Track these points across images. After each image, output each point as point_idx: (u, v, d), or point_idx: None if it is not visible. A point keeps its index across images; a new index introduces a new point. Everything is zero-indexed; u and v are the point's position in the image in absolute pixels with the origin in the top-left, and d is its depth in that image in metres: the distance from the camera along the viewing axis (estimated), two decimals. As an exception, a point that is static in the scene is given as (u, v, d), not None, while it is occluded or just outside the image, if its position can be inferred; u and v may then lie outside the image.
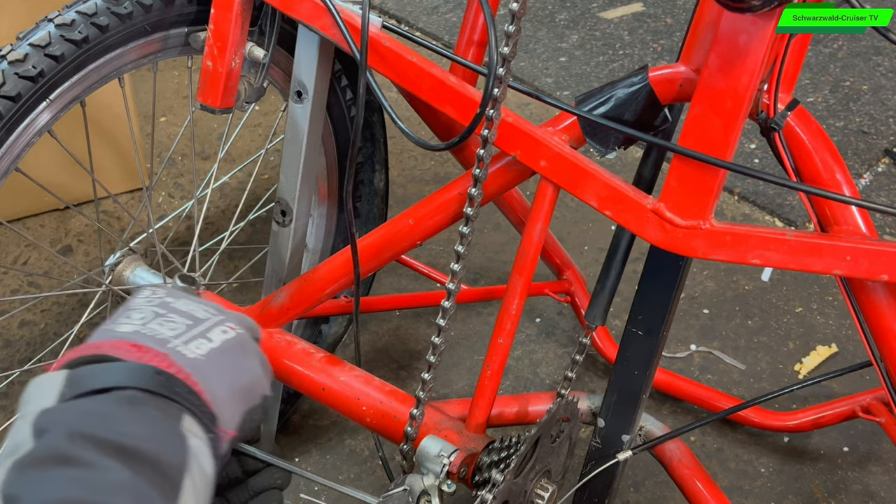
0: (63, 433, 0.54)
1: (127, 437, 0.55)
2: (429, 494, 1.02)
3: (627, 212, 0.95)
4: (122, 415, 0.57)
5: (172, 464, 0.57)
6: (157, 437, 0.57)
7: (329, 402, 1.17)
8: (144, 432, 0.57)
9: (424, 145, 1.05)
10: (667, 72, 0.95)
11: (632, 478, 1.48)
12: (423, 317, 1.75)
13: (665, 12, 2.67)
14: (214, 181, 1.40)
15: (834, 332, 1.75)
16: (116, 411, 0.57)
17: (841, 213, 0.95)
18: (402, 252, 1.17)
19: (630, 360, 1.09)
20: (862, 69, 2.44)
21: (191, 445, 0.59)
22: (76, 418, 0.56)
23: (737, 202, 2.03)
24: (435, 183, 2.03)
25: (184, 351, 0.63)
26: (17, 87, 0.99)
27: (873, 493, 1.48)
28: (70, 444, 0.54)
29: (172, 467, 0.56)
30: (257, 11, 1.13)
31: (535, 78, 2.42)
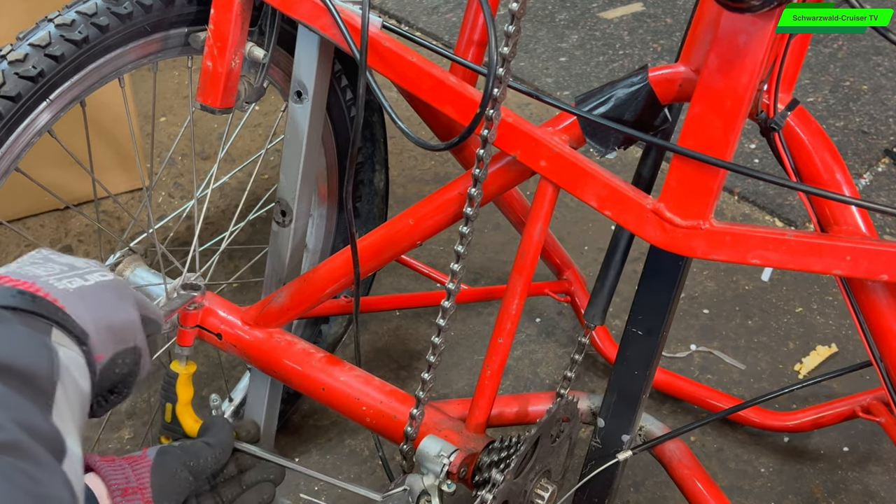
0: None
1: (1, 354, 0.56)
2: (429, 494, 1.02)
3: (627, 212, 0.95)
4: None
5: (43, 375, 0.57)
6: (25, 350, 0.58)
7: (329, 402, 1.17)
8: (12, 346, 0.57)
9: (424, 145, 1.05)
10: (667, 72, 0.95)
11: (632, 478, 1.48)
12: (423, 317, 1.75)
13: (665, 12, 2.67)
14: (214, 181, 1.39)
15: (834, 332, 1.75)
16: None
17: (841, 213, 0.95)
18: (402, 252, 1.17)
19: (630, 360, 1.09)
20: (862, 69, 2.44)
21: (61, 357, 0.60)
22: None
23: (737, 202, 2.03)
24: (435, 183, 2.03)
25: (54, 283, 0.65)
26: (17, 87, 0.99)
27: (873, 493, 1.48)
28: None
29: (44, 378, 0.57)
30: (257, 11, 1.13)
31: (535, 78, 2.42)
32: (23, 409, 0.54)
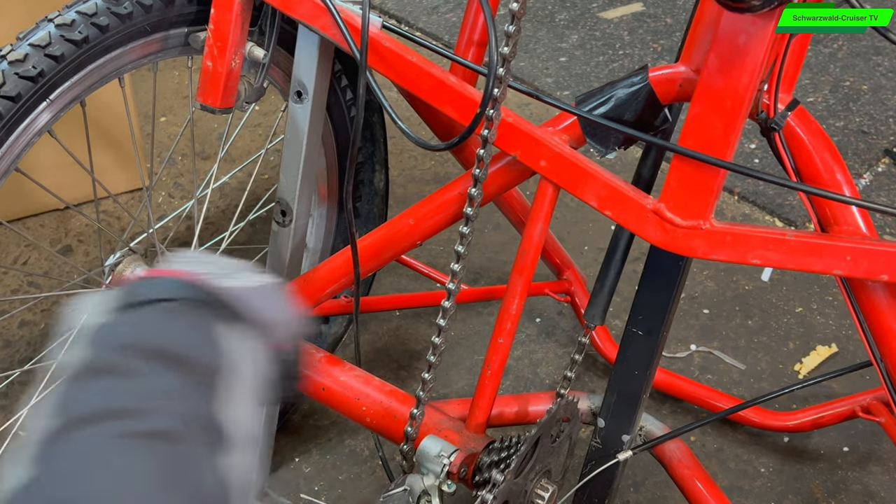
0: (111, 344, 0.60)
1: (170, 343, 0.59)
2: (429, 494, 1.02)
3: (627, 212, 0.95)
4: (166, 324, 0.62)
5: (208, 364, 0.60)
6: (191, 340, 0.61)
7: (329, 402, 1.17)
8: (178, 335, 0.61)
9: (424, 145, 1.05)
10: (667, 72, 0.95)
11: (632, 478, 1.48)
12: (423, 317, 1.75)
13: (665, 12, 2.67)
14: (214, 181, 1.40)
15: (834, 332, 1.75)
16: (160, 321, 0.62)
17: (841, 213, 0.95)
18: (402, 252, 1.17)
19: (630, 360, 1.09)
20: (862, 69, 2.44)
21: (228, 347, 0.62)
22: (124, 330, 0.61)
23: (737, 202, 2.03)
24: (435, 183, 2.03)
25: (223, 281, 0.68)
26: (17, 87, 0.99)
27: (873, 493, 1.48)
28: (117, 354, 0.58)
29: (208, 368, 0.60)
30: (257, 11, 1.13)
31: (535, 78, 2.42)
32: (184, 397, 0.57)
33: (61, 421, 0.54)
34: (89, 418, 0.54)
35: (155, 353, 0.58)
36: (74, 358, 0.59)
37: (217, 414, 0.58)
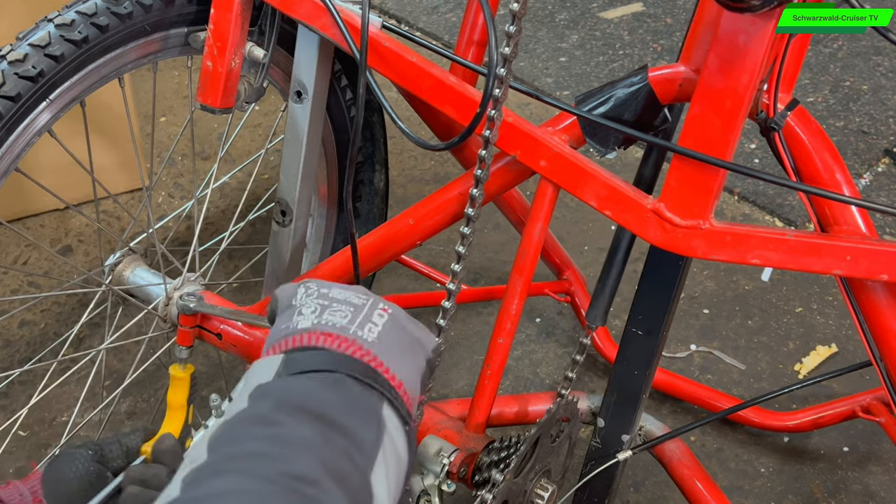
0: (271, 400, 0.61)
1: (327, 407, 0.60)
2: (429, 494, 1.02)
3: (627, 212, 0.95)
4: (327, 391, 0.63)
5: (366, 437, 0.60)
6: (354, 412, 0.62)
7: (329, 402, 1.17)
8: (344, 405, 0.62)
9: (424, 145, 1.05)
10: (667, 72, 0.95)
11: (632, 478, 1.48)
12: (423, 317, 1.74)
13: (665, 12, 2.67)
14: (214, 181, 1.40)
15: (834, 332, 1.75)
16: (323, 388, 0.63)
17: (841, 213, 0.95)
18: (402, 252, 1.17)
19: (630, 360, 1.09)
20: (862, 69, 2.44)
21: (387, 426, 0.63)
22: (285, 389, 0.62)
23: (737, 202, 2.03)
24: (435, 183, 2.03)
25: (363, 335, 0.68)
26: (17, 87, 0.99)
27: (873, 493, 1.48)
28: (274, 410, 0.60)
29: (366, 440, 0.60)
30: (257, 11, 1.13)
31: (535, 78, 2.42)
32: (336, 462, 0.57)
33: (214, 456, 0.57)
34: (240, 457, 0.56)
35: (317, 415, 0.59)
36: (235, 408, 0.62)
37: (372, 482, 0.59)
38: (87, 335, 1.64)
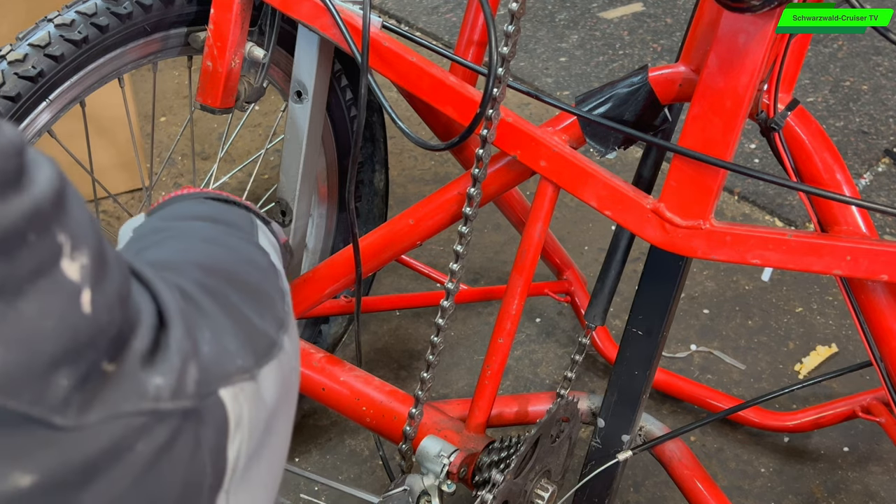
0: (154, 220, 0.69)
1: (203, 212, 0.70)
2: (429, 494, 1.02)
3: (627, 212, 0.95)
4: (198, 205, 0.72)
5: (243, 224, 0.70)
6: (226, 212, 0.72)
7: (329, 402, 1.17)
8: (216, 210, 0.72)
9: (424, 145, 1.05)
10: (667, 72, 0.95)
11: (632, 478, 1.48)
12: (423, 317, 1.75)
13: (665, 12, 2.67)
14: (214, 181, 1.40)
15: (834, 332, 1.75)
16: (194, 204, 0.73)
17: (841, 213, 0.95)
18: (402, 252, 1.17)
19: (630, 360, 1.09)
20: (862, 69, 2.44)
21: (256, 221, 0.73)
22: (161, 214, 0.71)
23: (737, 202, 2.03)
24: (435, 183, 2.03)
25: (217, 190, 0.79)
26: (16, 87, 0.99)
27: (873, 493, 1.48)
28: (160, 222, 0.68)
29: (244, 225, 0.70)
30: (257, 11, 1.13)
31: (535, 78, 2.42)
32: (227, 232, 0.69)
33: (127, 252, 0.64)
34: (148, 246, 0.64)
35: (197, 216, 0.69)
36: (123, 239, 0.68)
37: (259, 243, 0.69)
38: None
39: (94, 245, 0.40)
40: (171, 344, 0.44)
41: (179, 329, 0.45)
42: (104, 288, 0.40)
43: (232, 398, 0.48)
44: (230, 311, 0.52)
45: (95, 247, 0.40)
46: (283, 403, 0.56)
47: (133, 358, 0.42)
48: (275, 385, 0.54)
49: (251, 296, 0.57)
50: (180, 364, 0.44)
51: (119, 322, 0.41)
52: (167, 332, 0.44)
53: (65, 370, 0.38)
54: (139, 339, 0.42)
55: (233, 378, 0.48)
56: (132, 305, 0.43)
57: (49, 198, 0.38)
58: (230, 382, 0.48)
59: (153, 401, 0.42)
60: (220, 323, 0.50)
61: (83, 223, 0.40)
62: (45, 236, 0.37)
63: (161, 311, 0.45)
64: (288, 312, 0.61)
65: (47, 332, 0.37)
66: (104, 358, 0.40)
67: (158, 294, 0.46)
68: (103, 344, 0.40)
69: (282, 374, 0.55)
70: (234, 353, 0.49)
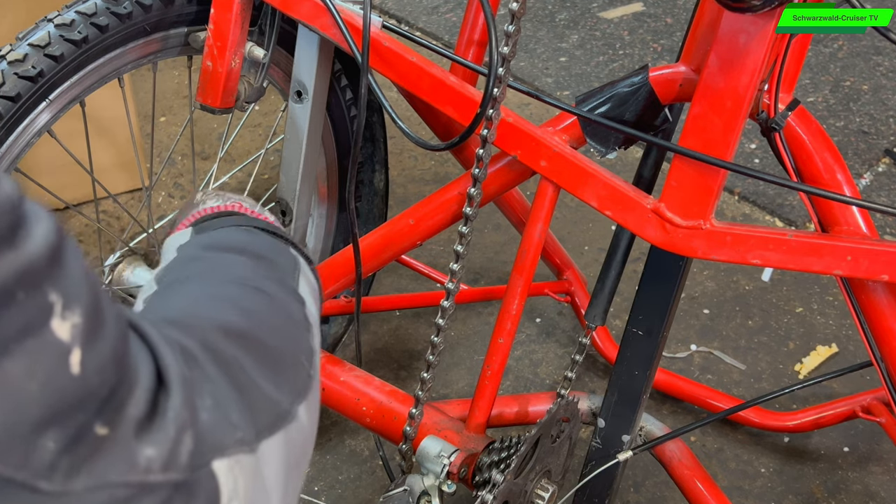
0: (196, 246, 0.68)
1: (247, 245, 0.67)
2: (429, 495, 1.02)
3: (627, 212, 0.95)
4: (242, 235, 0.70)
5: (286, 263, 0.68)
6: (270, 248, 0.69)
7: (329, 403, 1.17)
8: (260, 244, 0.69)
9: (424, 145, 1.05)
10: (667, 72, 0.95)
11: (632, 478, 1.48)
12: (423, 317, 1.75)
13: (665, 12, 2.67)
14: (214, 181, 1.39)
15: (834, 332, 1.74)
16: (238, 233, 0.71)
17: (841, 213, 0.95)
18: (402, 252, 1.17)
19: (630, 360, 1.09)
20: (862, 69, 2.44)
21: (300, 260, 0.70)
22: (206, 238, 0.69)
23: (737, 202, 2.03)
24: (435, 183, 2.03)
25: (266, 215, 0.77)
26: (16, 87, 0.99)
27: (873, 493, 1.48)
28: (202, 250, 0.67)
29: (287, 265, 0.67)
30: (257, 11, 1.13)
31: (535, 78, 2.42)
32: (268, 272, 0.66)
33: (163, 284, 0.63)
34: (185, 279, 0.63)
35: (240, 250, 0.66)
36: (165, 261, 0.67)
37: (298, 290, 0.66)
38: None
39: (89, 303, 0.39)
40: (168, 411, 0.42)
41: (178, 395, 0.43)
42: (97, 348, 0.38)
43: (226, 471, 0.46)
44: (239, 379, 0.50)
45: (90, 304, 0.39)
46: (290, 475, 0.54)
47: (127, 424, 0.40)
48: (279, 458, 0.51)
49: (270, 361, 0.54)
50: (175, 434, 0.42)
51: (112, 383, 0.40)
52: (166, 396, 0.43)
53: (51, 433, 0.36)
54: (134, 404, 0.41)
55: (229, 450, 0.46)
56: (129, 365, 0.42)
57: (43, 254, 0.37)
58: (226, 454, 0.46)
59: (143, 472, 0.40)
60: (224, 391, 0.48)
61: (78, 280, 0.39)
62: (36, 294, 0.36)
63: (161, 373, 0.44)
64: (312, 376, 0.59)
65: (33, 394, 0.36)
66: (96, 420, 0.39)
67: (160, 354, 0.44)
68: (93, 406, 0.38)
69: (289, 447, 0.53)
70: (236, 423, 0.47)
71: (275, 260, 0.67)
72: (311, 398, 0.57)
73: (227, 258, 0.65)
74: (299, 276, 0.68)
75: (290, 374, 0.56)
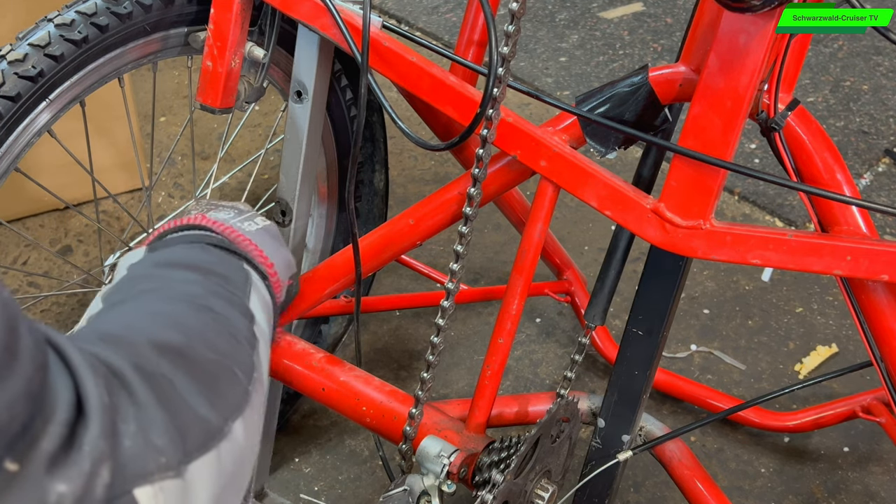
0: (147, 264, 0.69)
1: (197, 261, 0.68)
2: (429, 495, 1.02)
3: (627, 212, 0.95)
4: (195, 252, 0.70)
5: (237, 279, 0.69)
6: (221, 263, 0.70)
7: (329, 403, 1.17)
8: (211, 260, 0.70)
9: (424, 145, 1.05)
10: (667, 72, 0.95)
11: (632, 478, 1.48)
12: (423, 317, 1.75)
13: (665, 12, 2.67)
14: (214, 181, 1.39)
15: (834, 332, 1.74)
16: (190, 250, 0.71)
17: (841, 213, 0.95)
18: (402, 252, 1.17)
19: (630, 360, 1.09)
20: (862, 69, 2.44)
21: (251, 274, 0.71)
22: (157, 257, 0.70)
23: (737, 202, 2.03)
24: (435, 183, 2.03)
25: (242, 226, 0.78)
26: (16, 87, 0.99)
27: (873, 493, 1.48)
28: (152, 267, 0.67)
29: (237, 280, 0.68)
30: (257, 11, 1.13)
31: (535, 78, 2.42)
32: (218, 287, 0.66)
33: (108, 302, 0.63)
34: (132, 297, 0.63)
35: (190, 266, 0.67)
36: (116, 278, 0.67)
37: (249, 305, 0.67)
38: (86, 335, 1.64)
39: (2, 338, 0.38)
40: (83, 444, 0.41)
41: (96, 426, 0.42)
42: (7, 384, 0.38)
43: (149, 498, 0.45)
44: (169, 399, 0.49)
45: (3, 340, 0.38)
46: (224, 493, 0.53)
47: (38, 460, 0.39)
48: (211, 477, 0.51)
49: (204, 378, 0.53)
50: (91, 467, 0.41)
51: (24, 418, 0.39)
52: (84, 427, 0.42)
53: None
54: (48, 439, 0.40)
55: (153, 476, 0.45)
56: (46, 397, 0.40)
57: None
58: (148, 481, 0.45)
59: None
60: (150, 414, 0.47)
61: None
62: None
63: (81, 401, 0.42)
64: (251, 392, 0.58)
65: None
66: (6, 455, 0.38)
67: (81, 381, 0.43)
68: (3, 441, 0.38)
69: (221, 465, 0.52)
70: (161, 447, 0.46)
71: (226, 275, 0.67)
72: (248, 414, 0.56)
73: (176, 274, 0.65)
74: (251, 290, 0.68)
75: (226, 391, 0.55)
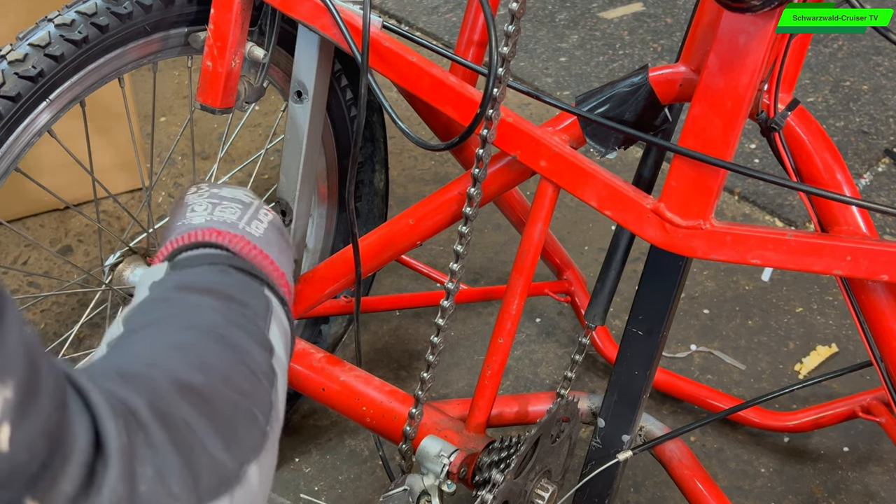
0: (168, 286, 0.67)
1: (219, 286, 0.67)
2: (429, 494, 1.02)
3: (627, 212, 0.95)
4: (216, 275, 0.69)
5: (258, 306, 0.67)
6: (243, 289, 0.68)
7: (329, 402, 1.17)
8: (232, 285, 0.68)
9: (424, 145, 1.05)
10: (667, 72, 0.95)
11: (632, 478, 1.48)
12: (423, 317, 1.75)
13: (665, 12, 2.67)
14: (214, 181, 1.39)
15: (834, 332, 1.74)
16: (212, 273, 0.69)
17: (841, 213, 0.95)
18: (402, 252, 1.17)
19: (630, 360, 1.09)
20: (862, 69, 2.44)
21: (272, 300, 0.70)
22: (179, 277, 0.69)
23: (737, 202, 2.03)
24: (435, 183, 2.03)
25: (251, 230, 0.77)
26: (16, 87, 0.99)
27: (873, 493, 1.48)
28: (173, 291, 0.66)
29: (258, 308, 0.67)
30: (257, 11, 1.13)
31: (535, 78, 2.42)
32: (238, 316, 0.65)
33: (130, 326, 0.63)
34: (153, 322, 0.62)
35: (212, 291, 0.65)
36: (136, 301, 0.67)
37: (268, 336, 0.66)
38: (87, 335, 1.64)
39: (24, 375, 0.37)
40: (102, 487, 0.41)
41: (116, 469, 0.42)
42: (27, 422, 0.37)
43: None
44: (186, 442, 0.49)
45: (25, 377, 0.37)
46: None
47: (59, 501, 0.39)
48: None
49: (223, 420, 0.53)
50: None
51: (44, 457, 0.38)
52: (103, 468, 0.41)
53: None
54: (68, 480, 0.39)
55: None
56: (65, 437, 0.40)
57: None
58: None
59: None
60: (166, 458, 0.47)
61: (13, 351, 0.37)
62: None
63: (100, 441, 0.42)
64: (268, 434, 0.58)
65: None
66: (26, 495, 0.37)
67: (101, 421, 0.43)
68: (21, 481, 0.37)
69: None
70: (176, 494, 0.46)
71: (247, 302, 0.66)
72: (263, 457, 0.56)
73: (197, 300, 0.64)
74: (271, 319, 0.67)
75: (243, 434, 0.55)
